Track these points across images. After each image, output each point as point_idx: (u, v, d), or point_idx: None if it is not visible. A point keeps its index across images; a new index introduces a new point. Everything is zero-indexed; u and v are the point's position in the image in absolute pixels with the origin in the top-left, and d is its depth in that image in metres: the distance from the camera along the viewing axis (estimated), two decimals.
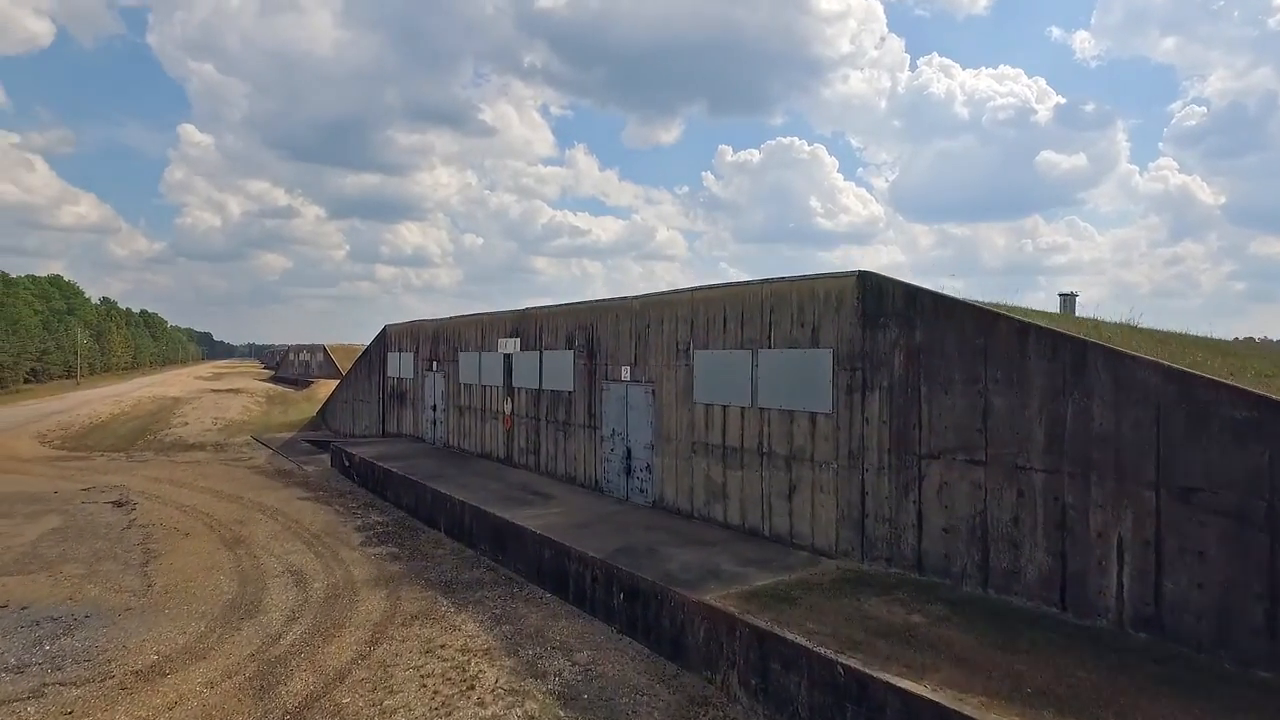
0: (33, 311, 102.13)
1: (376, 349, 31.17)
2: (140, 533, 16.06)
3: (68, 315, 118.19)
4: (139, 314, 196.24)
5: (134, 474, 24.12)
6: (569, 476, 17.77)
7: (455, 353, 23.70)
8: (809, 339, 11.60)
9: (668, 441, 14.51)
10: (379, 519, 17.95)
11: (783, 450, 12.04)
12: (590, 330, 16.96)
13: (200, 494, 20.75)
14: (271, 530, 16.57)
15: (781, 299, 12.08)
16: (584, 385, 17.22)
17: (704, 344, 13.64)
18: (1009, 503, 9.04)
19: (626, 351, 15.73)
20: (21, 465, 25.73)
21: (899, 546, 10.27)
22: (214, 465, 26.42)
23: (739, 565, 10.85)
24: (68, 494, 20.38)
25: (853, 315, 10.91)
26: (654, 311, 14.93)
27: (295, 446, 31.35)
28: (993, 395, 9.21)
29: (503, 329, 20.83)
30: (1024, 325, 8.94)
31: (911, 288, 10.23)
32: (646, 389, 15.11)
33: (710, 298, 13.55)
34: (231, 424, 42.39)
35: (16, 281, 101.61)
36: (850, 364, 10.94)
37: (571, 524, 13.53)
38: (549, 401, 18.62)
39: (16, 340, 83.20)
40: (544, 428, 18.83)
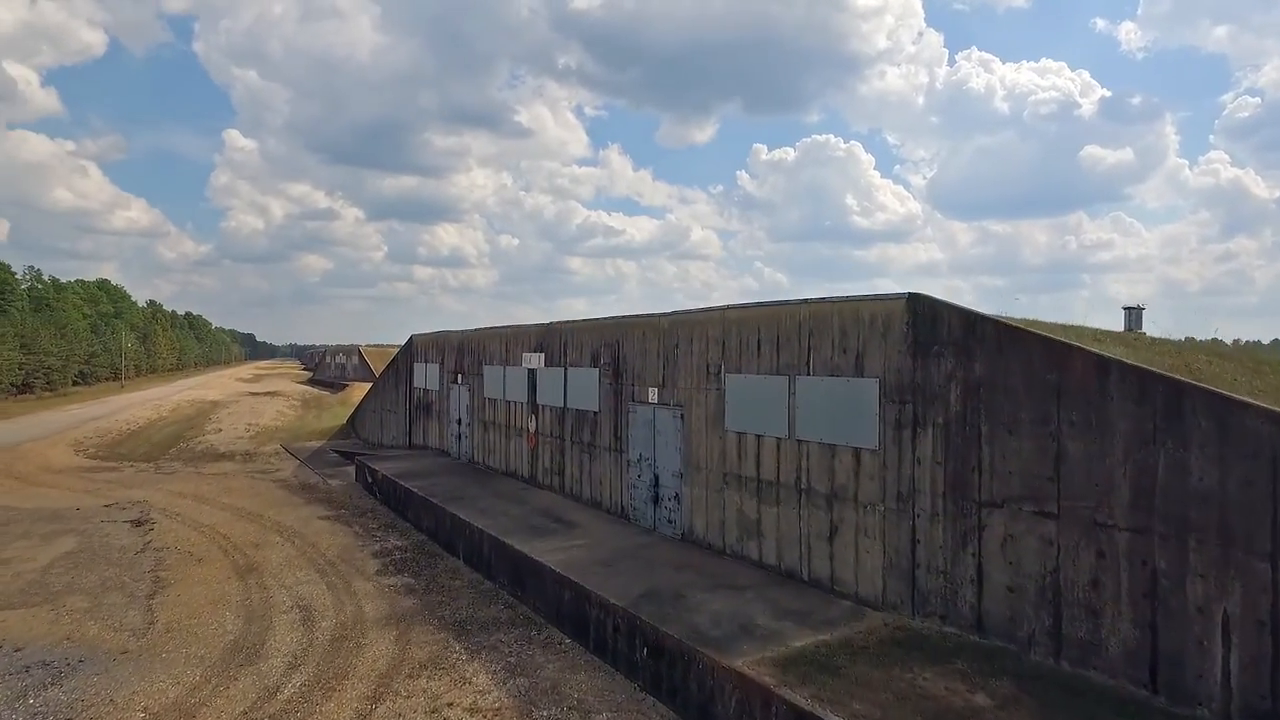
0: (81, 315, 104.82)
1: (404, 359, 30.70)
2: (153, 558, 15.59)
3: (115, 318, 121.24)
4: (184, 316, 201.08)
5: (159, 488, 23.89)
6: (594, 501, 16.89)
7: (480, 366, 23.00)
8: (852, 367, 10.53)
9: (697, 471, 13.53)
10: (397, 543, 17.28)
11: (823, 488, 10.98)
12: (616, 348, 16.05)
13: (221, 512, 20.34)
14: (286, 556, 15.98)
15: (821, 322, 11.03)
16: (609, 406, 16.33)
17: (736, 367, 12.64)
18: (1087, 563, 7.89)
19: (654, 372, 14.79)
20: (52, 477, 25.72)
21: (955, 603, 9.16)
22: (239, 478, 26.13)
23: (775, 618, 9.83)
24: (89, 511, 20.12)
25: (902, 343, 9.82)
26: (683, 331, 13.96)
27: (323, 457, 31.03)
28: (1067, 439, 8.07)
29: (527, 343, 20.05)
30: (1104, 361, 7.78)
31: (970, 313, 9.11)
32: (675, 413, 14.15)
33: (743, 318, 12.54)
34: (264, 431, 42.46)
35: (66, 286, 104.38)
36: (899, 396, 9.85)
37: (594, 560, 12.63)
38: (574, 421, 17.77)
39: (65, 344, 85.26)
40: (569, 449, 17.99)
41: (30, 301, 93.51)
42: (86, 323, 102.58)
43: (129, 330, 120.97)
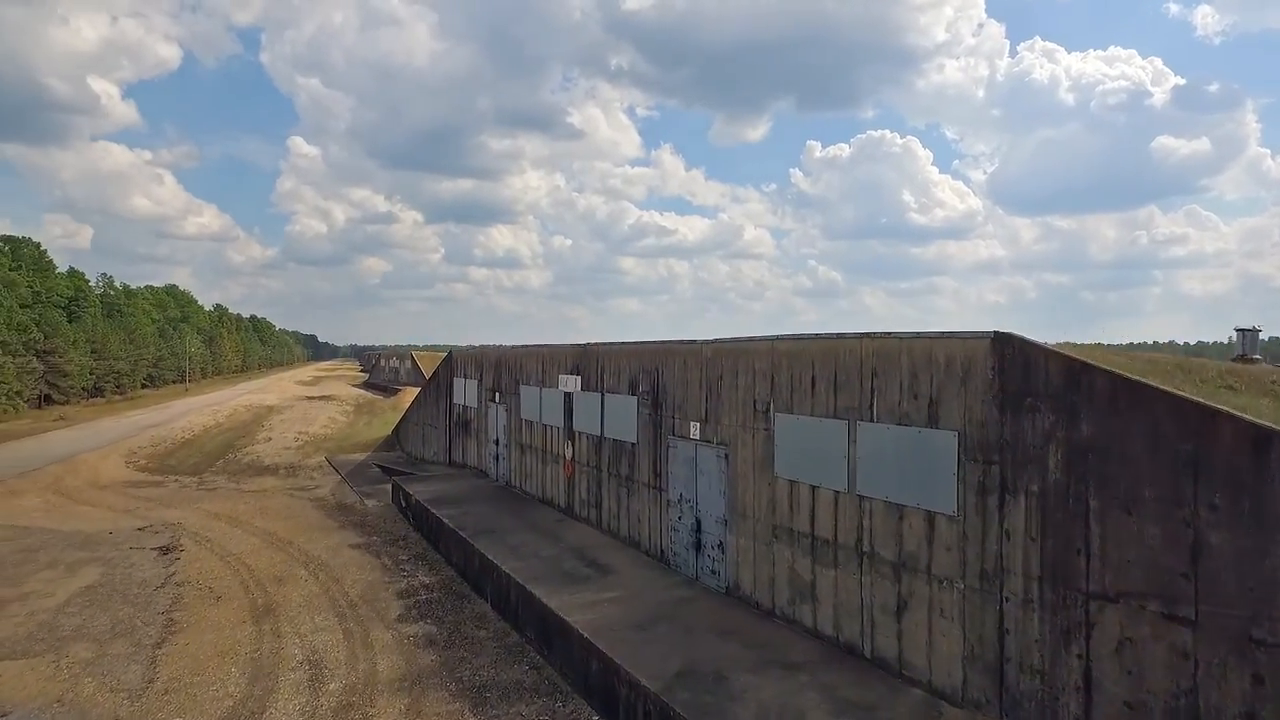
0: (150, 320, 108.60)
1: (444, 373, 29.96)
2: (171, 595, 14.93)
3: (182, 323, 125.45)
4: (249, 319, 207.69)
5: (196, 507, 23.57)
6: (632, 540, 15.58)
7: (517, 385, 21.96)
8: (924, 416, 8.96)
9: (744, 519, 12.10)
10: (425, 579, 16.30)
11: (889, 553, 9.44)
12: (655, 376, 14.71)
13: (251, 537, 19.75)
14: (308, 594, 15.14)
15: (887, 360, 9.48)
16: (648, 438, 15.00)
17: (787, 406, 11.16)
18: (1238, 688, 6.22)
19: (695, 405, 13.40)
20: (97, 494, 25.73)
21: (1056, 712, 7.54)
22: (278, 497, 25.71)
23: (834, 714, 8.35)
24: (121, 535, 19.78)
25: (986, 391, 8.23)
26: (727, 361, 12.54)
27: (365, 473, 30.53)
28: (1208, 528, 6.40)
29: (563, 365, 18.88)
30: (1264, 433, 6.09)
31: (1073, 361, 7.48)
32: (718, 452, 12.73)
33: (795, 351, 11.05)
34: (313, 440, 42.52)
35: (136, 293, 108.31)
36: (983, 455, 8.27)
37: (627, 621, 11.32)
38: (611, 452, 16.50)
39: (134, 348, 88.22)
40: (606, 480, 16.73)
41: (103, 308, 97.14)
42: (155, 327, 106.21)
43: (195, 334, 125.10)
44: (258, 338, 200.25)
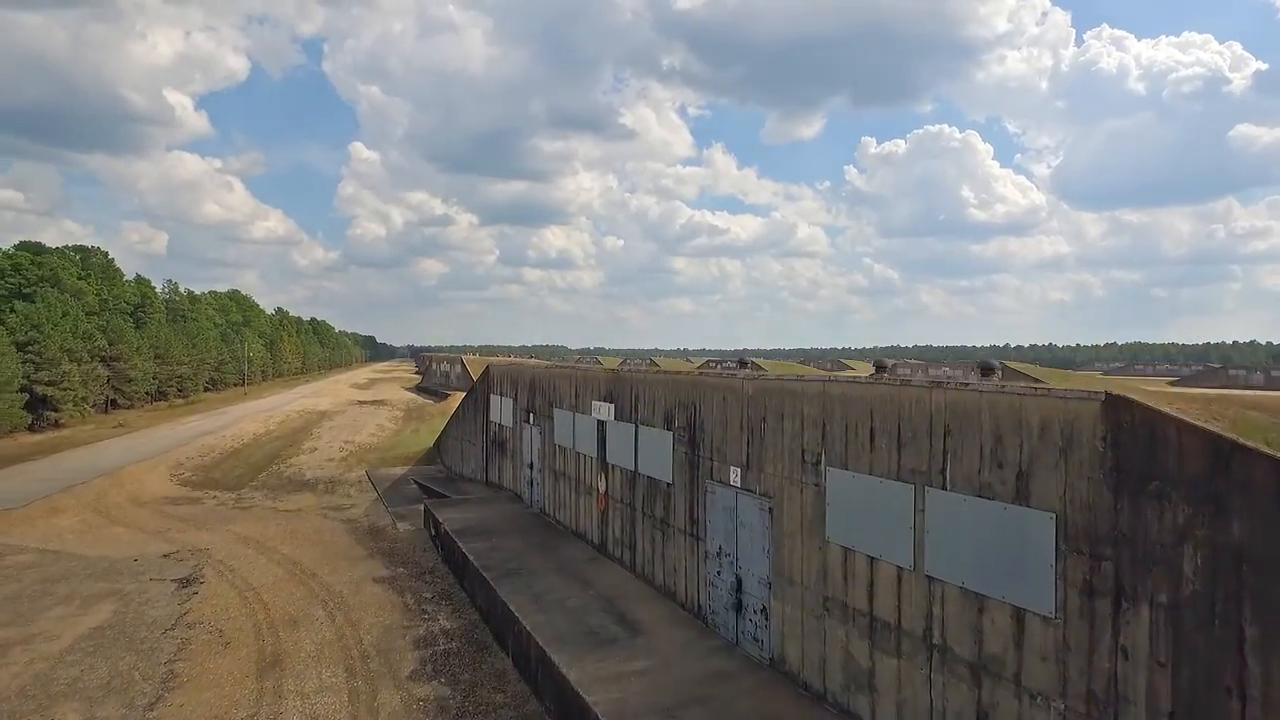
0: (213, 325, 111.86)
1: (481, 389, 29.03)
2: (179, 640, 14.13)
3: (244, 326, 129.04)
4: (309, 322, 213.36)
5: (227, 529, 23.07)
6: (667, 589, 14.14)
7: (550, 408, 20.74)
8: (1011, 489, 7.31)
9: (790, 585, 10.54)
10: (447, 623, 15.18)
11: (966, 651, 7.80)
12: (692, 411, 13.24)
13: (275, 567, 19.01)
14: (320, 641, 14.16)
15: (964, 417, 7.84)
16: (684, 480, 13.54)
17: (840, 460, 9.57)
18: None
19: (735, 448, 11.89)
20: (134, 513, 25.55)
21: None
22: (311, 518, 25.10)
23: None
24: (145, 563, 19.27)
25: (1096, 467, 6.55)
26: (771, 402, 11.00)
27: (402, 490, 29.83)
28: None
29: (596, 390, 17.56)
30: None
31: (1221, 440, 5.74)
32: (761, 504, 11.20)
33: (849, 396, 9.46)
34: (357, 450, 42.32)
35: (200, 298, 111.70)
36: (1090, 547, 6.59)
37: (655, 704, 9.88)
38: (645, 489, 15.09)
39: (196, 353, 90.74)
40: (639, 520, 15.33)
41: (168, 313, 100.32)
42: (217, 332, 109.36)
43: (257, 338, 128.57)
44: (317, 340, 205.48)
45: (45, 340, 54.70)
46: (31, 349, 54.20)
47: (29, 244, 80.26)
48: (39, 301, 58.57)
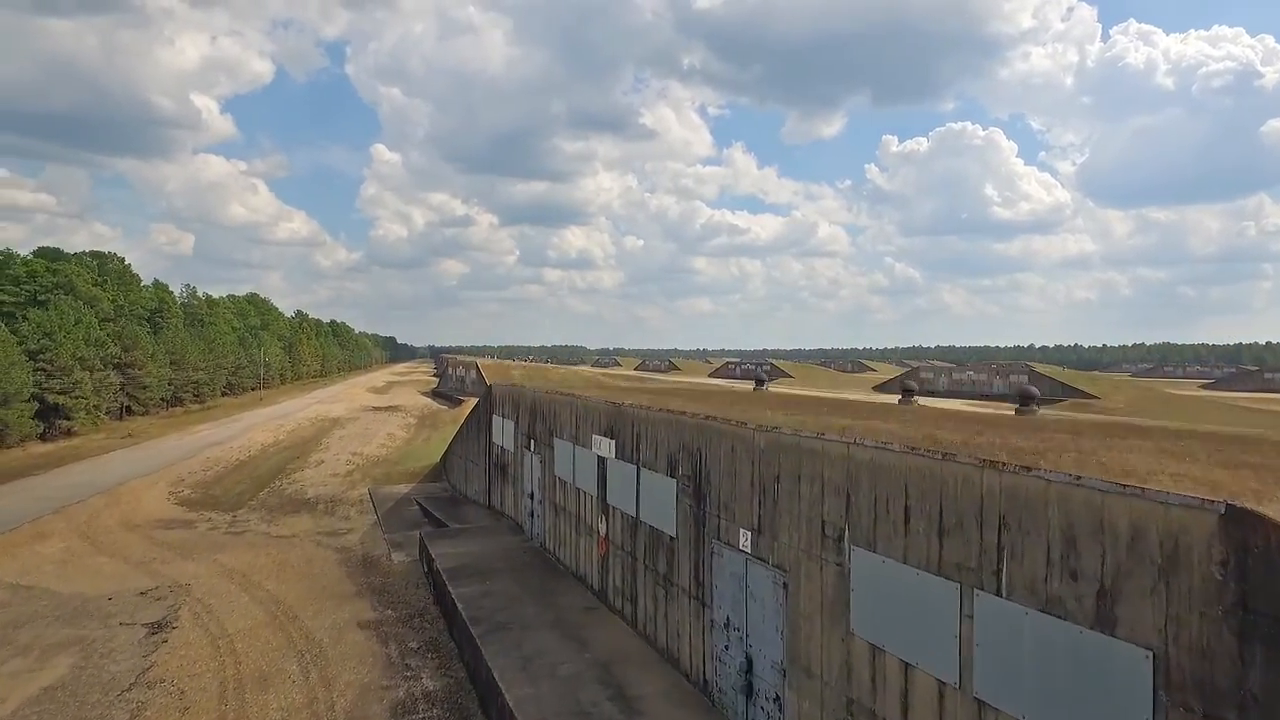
0: (231, 329, 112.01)
1: (484, 408, 27.72)
2: (132, 705, 12.87)
3: (262, 330, 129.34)
4: (328, 324, 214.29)
5: (215, 560, 21.93)
6: (670, 655, 12.66)
7: (551, 437, 19.34)
8: (1090, 608, 5.75)
9: (808, 677, 9.02)
10: (430, 684, 13.81)
11: None
12: (698, 458, 11.75)
13: (256, 608, 17.79)
14: (287, 707, 12.85)
15: (1025, 508, 6.28)
16: (689, 535, 12.05)
17: (868, 540, 8.04)
18: None
19: (745, 507, 10.39)
20: (122, 539, 24.53)
21: None
22: (304, 545, 23.91)
23: None
24: (119, 603, 18.13)
25: (1210, 599, 4.98)
26: (785, 460, 9.47)
27: (403, 512, 28.60)
28: None
29: (596, 423, 16.11)
30: None
31: None
32: (775, 577, 9.69)
33: (880, 464, 7.92)
34: (364, 463, 41.29)
35: (218, 302, 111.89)
36: (1204, 703, 5.01)
37: None
38: (647, 540, 13.62)
39: (213, 358, 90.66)
40: (641, 573, 13.86)
41: (186, 318, 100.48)
42: (235, 336, 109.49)
43: (275, 341, 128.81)
44: (337, 342, 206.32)
45: (57, 348, 54.38)
46: (43, 357, 53.90)
47: (48, 249, 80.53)
48: (52, 309, 58.34)
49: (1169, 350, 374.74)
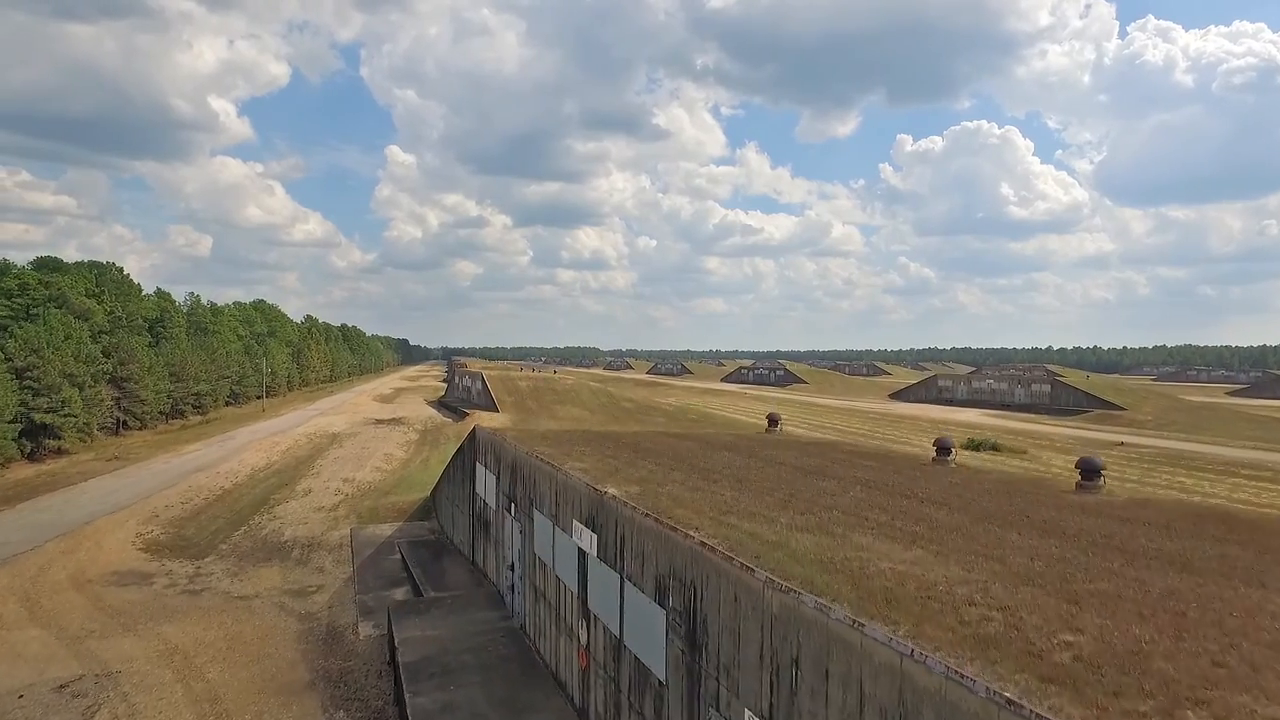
0: (236, 337, 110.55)
1: (468, 451, 25.27)
2: None
3: (269, 337, 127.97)
4: (339, 328, 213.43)
5: (158, 634, 19.54)
6: None
7: (531, 506, 16.79)
8: None
9: None
10: None
11: None
12: (692, 594, 9.14)
13: (189, 708, 15.37)
14: None
15: None
16: (681, 686, 9.44)
17: None
18: None
19: (753, 683, 7.77)
20: (64, 600, 22.21)
21: None
22: (265, 610, 21.51)
23: None
24: (34, 700, 15.75)
25: None
26: (808, 640, 6.84)
27: (382, 564, 26.17)
28: None
29: (577, 507, 13.53)
30: None
31: None
32: None
33: (954, 703, 5.27)
34: (355, 492, 39.01)
35: (222, 310, 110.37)
36: None
37: None
38: (632, 670, 11.03)
39: (216, 368, 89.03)
40: (626, 709, 11.26)
41: (190, 327, 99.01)
42: (240, 344, 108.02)
43: (283, 348, 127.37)
44: (347, 347, 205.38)
45: (45, 365, 52.55)
46: (30, 375, 52.10)
47: (47, 259, 79.12)
48: (41, 324, 56.57)
49: (1191, 352, 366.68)
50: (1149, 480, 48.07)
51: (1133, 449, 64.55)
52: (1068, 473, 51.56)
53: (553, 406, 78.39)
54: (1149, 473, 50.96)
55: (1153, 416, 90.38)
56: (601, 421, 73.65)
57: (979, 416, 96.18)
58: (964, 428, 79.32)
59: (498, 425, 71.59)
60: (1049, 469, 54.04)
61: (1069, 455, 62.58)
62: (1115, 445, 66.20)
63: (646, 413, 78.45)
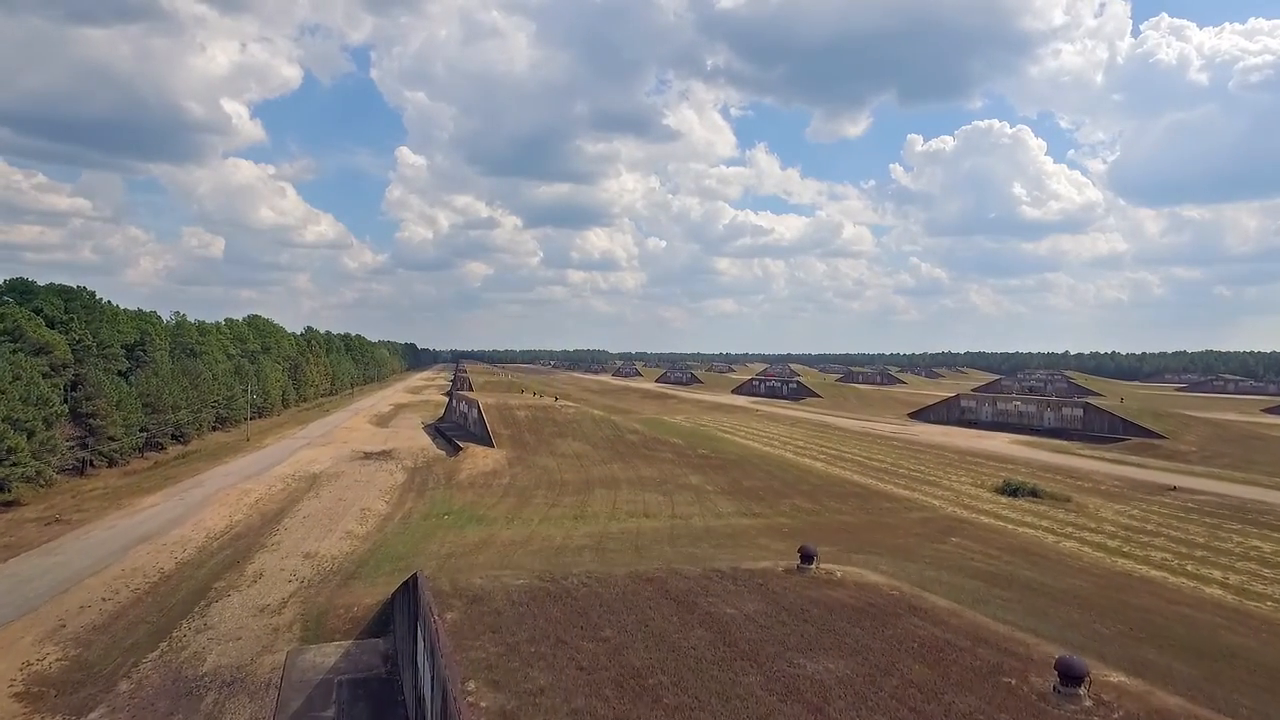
0: (224, 356, 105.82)
1: (407, 609, 19.85)
2: None
3: (262, 354, 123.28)
4: (340, 338, 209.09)
5: None
6: None
7: None
8: None
9: None
10: None
11: None
12: None
13: None
14: None
15: None
16: None
17: None
18: None
19: None
20: None
21: None
22: None
23: None
24: None
25: None
26: None
27: None
28: None
29: None
30: None
31: None
32: None
33: None
34: (314, 576, 33.78)
35: (210, 329, 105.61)
36: None
37: None
38: None
39: (198, 395, 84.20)
40: None
41: (176, 348, 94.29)
42: (230, 364, 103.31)
43: (277, 365, 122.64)
44: (350, 357, 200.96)
45: None
46: None
47: (18, 282, 74.55)
48: None
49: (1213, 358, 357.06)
50: (1216, 543, 42.08)
51: (1187, 495, 58.42)
52: (1119, 537, 45.58)
53: (552, 440, 73.03)
54: (1214, 533, 44.88)
55: (1197, 447, 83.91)
56: (604, 458, 68.16)
57: (1007, 445, 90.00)
58: (995, 462, 73.30)
59: (491, 466, 66.19)
60: (1096, 522, 47.95)
61: (1118, 503, 56.47)
62: (1166, 490, 59.99)
63: (653, 447, 72.92)
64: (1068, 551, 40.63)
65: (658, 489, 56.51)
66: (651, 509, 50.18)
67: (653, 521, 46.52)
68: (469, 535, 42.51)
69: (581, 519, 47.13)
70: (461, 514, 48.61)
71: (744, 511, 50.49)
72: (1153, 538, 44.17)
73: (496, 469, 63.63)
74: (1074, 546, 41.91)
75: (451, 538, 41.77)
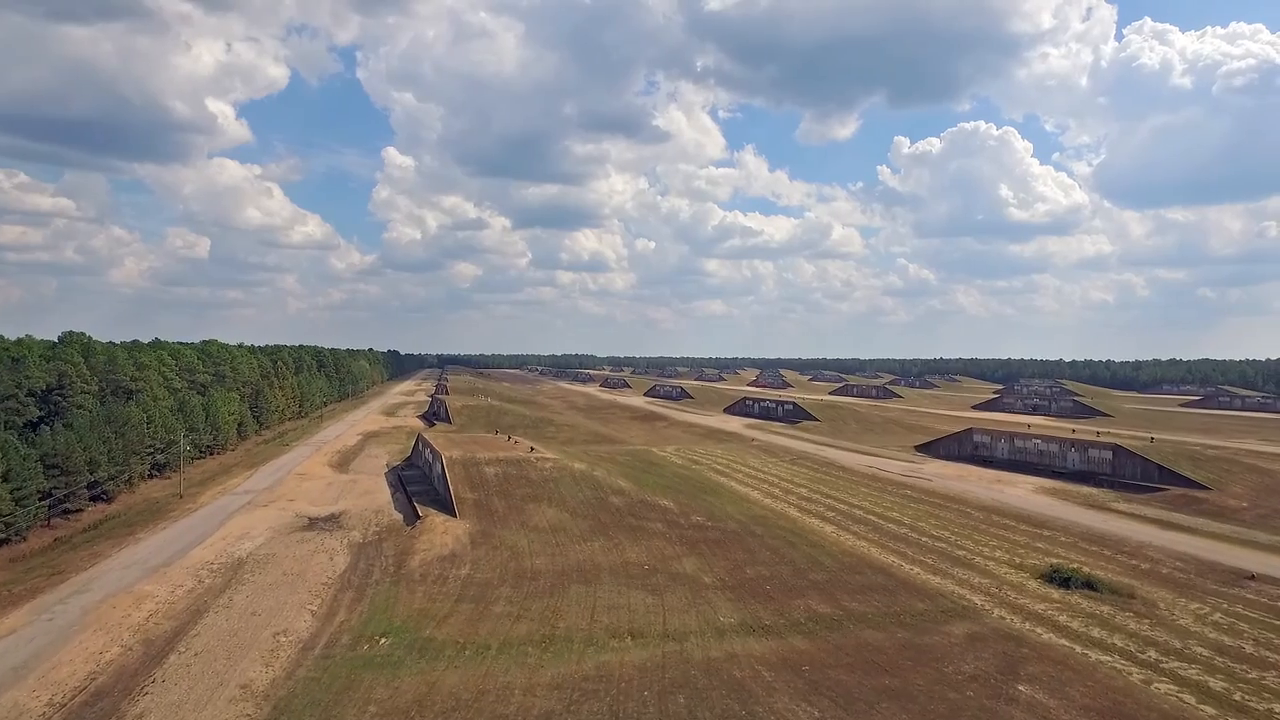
0: (166, 392, 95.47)
1: None
2: None
3: (216, 383, 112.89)
4: (312, 353, 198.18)
5: None
6: None
7: None
8: None
9: None
10: None
11: None
12: None
13: None
14: None
15: None
16: None
17: None
18: None
19: None
20: None
21: None
22: None
23: None
24: None
25: None
26: None
27: None
28: None
29: None
30: None
31: None
32: None
33: None
34: None
35: (148, 363, 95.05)
36: None
37: None
38: None
39: (123, 445, 73.88)
40: None
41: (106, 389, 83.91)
42: (173, 400, 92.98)
43: (231, 394, 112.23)
44: (323, 374, 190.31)
45: None
46: None
47: None
48: None
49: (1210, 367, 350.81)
50: None
51: (1270, 587, 49.09)
52: (1221, 670, 35.58)
53: (524, 506, 63.34)
54: None
55: (1248, 503, 75.41)
56: (583, 532, 58.68)
57: (1032, 492, 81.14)
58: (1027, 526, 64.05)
59: (450, 546, 56.17)
60: (1180, 638, 36.63)
61: (1192, 600, 47.05)
62: (1243, 579, 50.80)
63: (640, 515, 63.36)
64: (1171, 711, 31.37)
65: (644, 584, 47.17)
66: (638, 623, 40.84)
67: (639, 651, 37.10)
68: (404, 685, 32.95)
69: (550, 645, 37.65)
70: (403, 635, 39.04)
71: (750, 624, 41.27)
72: (1262, 671, 34.94)
73: (456, 551, 53.96)
74: (1171, 693, 32.71)
75: (380, 694, 32.18)
